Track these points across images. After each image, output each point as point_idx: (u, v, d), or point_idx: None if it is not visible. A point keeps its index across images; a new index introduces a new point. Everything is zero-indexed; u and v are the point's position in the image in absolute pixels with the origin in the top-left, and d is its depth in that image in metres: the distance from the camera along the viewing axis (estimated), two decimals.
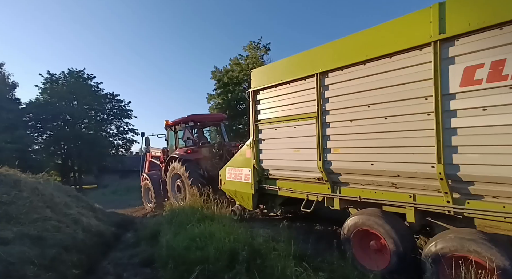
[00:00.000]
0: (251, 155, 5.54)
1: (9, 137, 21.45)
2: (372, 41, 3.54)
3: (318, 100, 4.15)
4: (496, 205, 2.75)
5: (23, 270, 3.13)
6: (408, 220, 3.42)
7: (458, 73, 2.85)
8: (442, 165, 2.93)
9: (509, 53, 2.51)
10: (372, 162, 3.60)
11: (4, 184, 5.06)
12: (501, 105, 2.59)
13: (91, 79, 31.17)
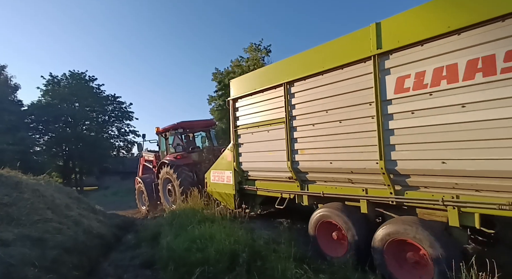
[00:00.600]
0: (231, 158, 6.01)
1: (11, 138, 21.53)
2: (328, 54, 4.07)
3: (286, 106, 4.68)
4: (427, 194, 3.26)
5: (23, 271, 3.14)
6: (362, 211, 3.87)
7: (392, 82, 3.37)
8: (383, 161, 3.42)
9: (427, 66, 3.08)
10: (331, 160, 4.09)
11: (5, 185, 5.08)
12: (423, 109, 3.11)
13: (93, 81, 31.30)
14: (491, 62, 2.68)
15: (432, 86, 3.06)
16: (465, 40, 2.85)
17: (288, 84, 4.66)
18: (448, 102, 2.94)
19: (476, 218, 2.93)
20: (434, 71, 3.04)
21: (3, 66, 26.02)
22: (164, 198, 9.22)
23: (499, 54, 2.62)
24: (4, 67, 26.10)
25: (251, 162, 5.67)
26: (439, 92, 3.00)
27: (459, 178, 2.97)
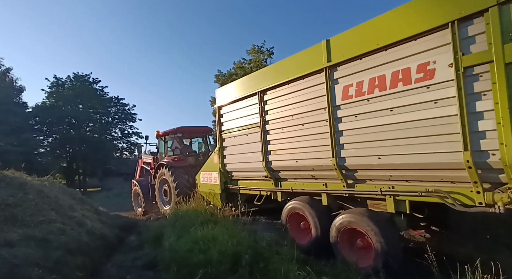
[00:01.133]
0: (218, 160, 6.57)
1: (16, 140, 21.72)
2: (293, 66, 4.67)
3: (260, 112, 5.30)
4: (371, 186, 3.80)
5: (27, 272, 3.16)
6: (323, 203, 4.45)
7: (340, 90, 3.97)
8: (335, 158, 3.98)
9: (365, 76, 3.66)
10: (297, 160, 4.67)
11: (10, 186, 5.12)
12: (363, 113, 3.68)
13: (97, 83, 31.52)
14: (408, 73, 3.27)
15: (369, 93, 3.64)
16: (390, 55, 3.44)
17: (261, 92, 5.26)
18: (380, 107, 3.51)
19: (407, 205, 3.49)
20: (369, 81, 3.64)
21: (8, 68, 26.29)
22: (159, 198, 9.71)
23: (413, 67, 3.22)
24: (9, 69, 26.37)
25: (234, 163, 6.25)
26: (373, 98, 3.58)
27: (392, 171, 3.53)
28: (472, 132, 2.79)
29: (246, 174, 6.00)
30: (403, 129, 3.29)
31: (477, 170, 2.80)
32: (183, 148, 10.30)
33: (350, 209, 4.07)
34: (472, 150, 2.78)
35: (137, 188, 10.99)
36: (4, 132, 21.56)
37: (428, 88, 3.11)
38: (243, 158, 5.91)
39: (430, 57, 3.11)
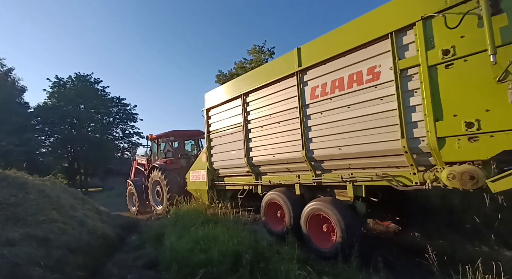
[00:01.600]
0: (206, 159, 7.09)
1: (18, 140, 21.77)
2: (270, 70, 5.33)
3: (243, 113, 5.85)
4: (335, 175, 4.37)
5: (29, 271, 3.17)
6: (297, 193, 4.95)
7: (308, 91, 4.59)
8: (305, 151, 4.57)
9: (328, 79, 4.29)
10: (274, 154, 5.23)
11: (12, 186, 5.14)
12: (327, 110, 4.30)
13: (98, 83, 31.57)
14: (360, 75, 3.89)
15: (331, 93, 4.26)
16: (347, 60, 4.06)
17: (244, 95, 5.84)
18: (340, 104, 4.13)
19: (363, 189, 4.04)
20: (331, 82, 4.27)
21: (10, 68, 26.36)
22: (152, 199, 10.20)
23: (364, 70, 3.84)
24: (11, 69, 26.44)
25: (220, 161, 6.76)
26: (335, 97, 4.20)
27: (351, 160, 4.09)
28: (407, 123, 3.41)
29: (231, 170, 6.52)
30: (357, 122, 3.91)
31: (412, 155, 3.40)
32: (175, 150, 10.82)
33: (318, 198, 4.56)
34: (407, 137, 3.38)
35: (132, 188, 11.39)
36: (6, 132, 21.64)
37: (376, 87, 3.73)
38: (228, 156, 6.42)
39: (376, 62, 3.74)
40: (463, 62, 3.03)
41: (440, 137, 3.13)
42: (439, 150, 3.15)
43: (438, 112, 3.16)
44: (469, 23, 2.96)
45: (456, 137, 3.05)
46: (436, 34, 3.20)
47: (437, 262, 2.96)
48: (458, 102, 3.06)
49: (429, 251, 2.97)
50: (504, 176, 2.74)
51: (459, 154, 3.05)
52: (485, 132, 2.88)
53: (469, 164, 2.99)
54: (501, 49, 2.77)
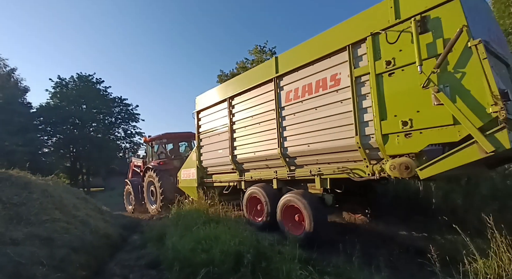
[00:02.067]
0: (195, 158, 7.69)
1: (21, 140, 21.93)
2: (253, 76, 5.94)
3: (229, 115, 6.45)
4: (306, 170, 4.91)
5: (32, 270, 3.19)
6: (274, 187, 5.51)
7: (284, 95, 5.19)
8: (280, 148, 5.16)
9: (300, 84, 4.91)
10: (254, 152, 5.78)
11: (15, 186, 5.17)
12: (299, 112, 4.89)
13: (100, 83, 31.74)
14: (325, 81, 4.52)
15: (302, 97, 4.85)
16: (315, 68, 4.67)
17: (230, 98, 6.43)
18: (309, 106, 4.72)
19: (328, 182, 4.63)
20: (302, 87, 4.86)
21: (13, 69, 26.54)
22: (147, 198, 10.73)
23: (328, 77, 4.47)
24: (14, 70, 26.62)
25: (208, 160, 7.34)
26: (305, 100, 4.79)
27: (318, 156, 4.66)
28: (360, 122, 3.99)
29: (218, 168, 7.10)
30: (323, 122, 4.51)
31: (364, 150, 3.97)
32: (169, 151, 11.43)
33: (291, 191, 5.07)
34: (360, 135, 3.96)
35: (129, 187, 11.88)
36: (9, 132, 21.78)
37: (337, 92, 4.34)
38: (215, 155, 7.01)
39: (337, 70, 4.36)
40: (401, 71, 3.62)
41: (385, 134, 3.70)
42: (384, 145, 3.72)
43: (383, 113, 3.73)
44: (405, 39, 3.56)
45: (396, 134, 3.62)
46: (382, 47, 3.80)
47: (439, 262, 2.95)
48: (397, 105, 3.63)
49: (431, 251, 2.97)
50: (427, 165, 3.33)
51: (398, 148, 3.61)
52: (416, 129, 3.44)
53: (406, 156, 3.54)
54: (426, 61, 3.34)
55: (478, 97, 3.05)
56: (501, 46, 3.95)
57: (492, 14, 4.44)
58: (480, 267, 2.66)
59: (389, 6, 3.77)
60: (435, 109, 3.28)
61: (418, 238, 4.59)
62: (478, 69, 3.04)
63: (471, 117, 3.05)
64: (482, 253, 3.00)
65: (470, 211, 4.54)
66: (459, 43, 3.18)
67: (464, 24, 3.16)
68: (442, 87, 3.26)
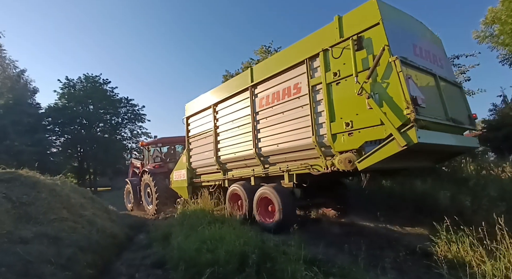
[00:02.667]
0: (186, 160, 8.41)
1: (29, 140, 22.29)
2: (233, 84, 6.78)
3: (214, 120, 7.22)
4: (277, 167, 5.62)
5: (40, 268, 3.24)
6: (252, 184, 6.17)
7: (258, 101, 5.92)
8: (255, 148, 5.86)
9: (270, 92, 5.65)
10: (235, 152, 6.49)
11: (24, 185, 5.26)
12: (269, 116, 5.63)
13: (107, 84, 32.07)
14: (289, 89, 5.28)
15: (272, 103, 5.58)
16: (281, 78, 5.44)
17: (214, 105, 7.21)
18: (278, 111, 5.45)
19: (295, 177, 5.31)
20: (272, 94, 5.61)
21: (22, 70, 26.99)
22: (144, 199, 11.37)
23: (291, 85, 5.25)
24: (23, 71, 27.08)
25: (197, 161, 8.05)
26: (274, 106, 5.53)
27: (286, 154, 5.36)
28: (316, 124, 4.75)
29: (205, 169, 7.82)
30: (288, 125, 5.24)
31: (320, 148, 4.70)
32: (165, 155, 12.24)
33: (266, 185, 5.68)
34: (316, 135, 4.71)
35: (129, 187, 12.73)
36: (18, 132, 22.16)
37: (299, 98, 5.09)
38: (203, 156, 7.73)
39: (299, 80, 5.11)
40: (344, 81, 4.38)
41: (333, 134, 4.43)
42: (333, 143, 4.44)
43: (332, 116, 4.47)
44: (347, 54, 4.31)
45: (342, 134, 4.34)
46: (330, 61, 4.57)
47: (446, 264, 2.92)
48: (342, 109, 4.37)
49: (437, 253, 2.93)
50: (362, 159, 4.02)
51: (344, 145, 4.34)
52: (356, 129, 4.17)
53: (350, 152, 4.25)
54: (361, 73, 4.10)
55: (398, 102, 3.74)
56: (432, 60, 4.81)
57: (426, 33, 5.16)
58: (488, 270, 2.62)
59: (335, 27, 4.58)
60: (368, 112, 3.98)
61: (425, 240, 4.53)
62: (397, 80, 3.72)
63: (392, 118, 3.73)
64: (490, 255, 2.96)
65: (478, 213, 4.48)
66: (383, 59, 3.87)
67: (386, 44, 3.86)
68: (372, 94, 3.95)
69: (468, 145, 5.05)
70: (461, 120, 4.78)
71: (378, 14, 4.05)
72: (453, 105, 4.68)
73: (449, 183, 5.79)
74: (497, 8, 14.89)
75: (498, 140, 12.87)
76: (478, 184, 5.56)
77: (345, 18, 4.52)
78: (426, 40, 4.92)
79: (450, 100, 4.65)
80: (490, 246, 3.05)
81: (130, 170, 14.41)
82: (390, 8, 4.39)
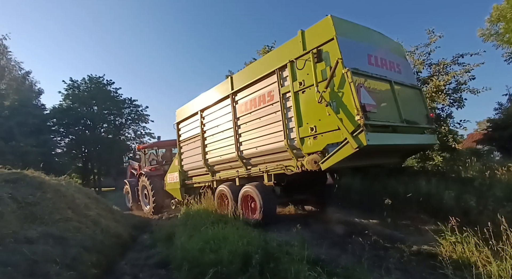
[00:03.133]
0: (178, 163, 9.00)
1: (35, 141, 22.44)
2: (216, 92, 7.27)
3: (201, 125, 7.78)
4: (257, 169, 6.13)
5: (46, 268, 3.28)
6: (237, 184, 6.64)
7: (238, 107, 6.43)
8: (237, 151, 6.35)
9: (248, 99, 6.14)
10: (220, 155, 7.01)
11: (30, 185, 5.31)
12: (249, 121, 6.08)
13: (110, 84, 32.18)
14: (264, 97, 5.77)
15: (250, 109, 6.06)
16: (257, 86, 5.95)
17: (201, 111, 7.79)
18: (255, 117, 5.95)
19: (273, 177, 5.81)
20: (249, 101, 6.11)
21: (27, 72, 27.20)
22: (142, 200, 12.04)
23: (265, 93, 5.75)
24: (28, 72, 27.30)
25: (188, 164, 8.59)
26: (252, 112, 6.02)
27: (264, 156, 5.85)
28: (287, 129, 5.21)
29: (195, 171, 8.37)
30: (264, 129, 5.72)
31: (292, 150, 5.17)
32: (161, 157, 12.90)
33: (248, 184, 6.11)
34: (287, 138, 5.20)
35: (127, 187, 13.48)
36: (24, 133, 22.35)
37: (272, 105, 5.56)
38: (193, 159, 8.26)
39: (272, 88, 5.59)
40: (308, 90, 4.83)
41: (301, 137, 4.92)
42: (302, 146, 4.93)
43: (300, 121, 4.95)
44: (309, 66, 4.78)
45: (308, 137, 4.83)
46: (297, 71, 5.04)
47: (451, 264, 2.89)
48: (308, 115, 4.84)
49: (442, 253, 2.91)
50: (325, 159, 4.53)
51: (310, 148, 4.84)
52: (319, 133, 4.67)
53: (315, 154, 4.74)
54: (321, 83, 4.58)
55: (351, 109, 4.19)
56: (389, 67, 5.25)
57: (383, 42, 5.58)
58: (494, 270, 2.59)
59: (299, 41, 5.06)
60: (328, 118, 4.47)
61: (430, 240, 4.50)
62: (349, 89, 4.17)
63: (346, 124, 4.20)
64: (496, 255, 2.92)
65: (484, 213, 4.43)
66: (338, 71, 4.31)
67: (339, 57, 4.31)
68: (330, 102, 4.41)
69: (425, 143, 5.62)
70: (417, 120, 5.27)
71: (332, 30, 4.53)
72: (409, 107, 5.17)
73: (454, 183, 5.74)
74: (502, 5, 14.74)
75: (503, 139, 12.73)
76: (484, 184, 5.50)
77: (307, 33, 5.00)
78: (382, 49, 5.32)
79: (406, 103, 5.14)
80: (496, 247, 3.02)
81: (128, 171, 15.11)
82: (346, 23, 4.87)
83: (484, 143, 14.66)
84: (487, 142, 14.44)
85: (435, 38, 7.92)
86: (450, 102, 7.78)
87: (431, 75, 8.11)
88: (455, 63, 7.90)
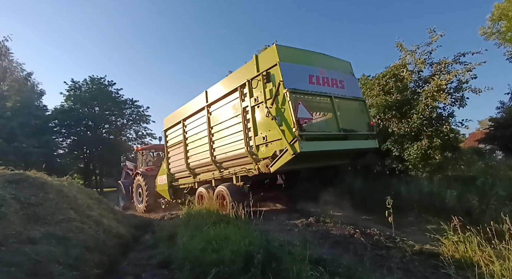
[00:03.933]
0: (166, 166, 10.04)
1: (37, 142, 22.54)
2: (195, 103, 8.29)
3: (183, 133, 8.86)
4: (227, 171, 7.13)
5: (49, 268, 3.29)
6: (213, 185, 7.56)
7: (212, 118, 7.51)
8: (212, 156, 7.37)
9: (219, 110, 7.27)
10: (199, 160, 8.02)
11: (32, 186, 5.33)
12: (224, 129, 7.07)
13: (112, 85, 32.28)
14: (230, 109, 6.77)
15: (221, 119, 7.11)
16: (226, 99, 6.96)
17: (183, 120, 8.87)
18: (226, 126, 6.97)
19: (239, 178, 6.76)
20: (220, 113, 7.14)
21: (29, 73, 27.34)
22: (135, 198, 12.78)
23: (232, 106, 6.74)
24: (30, 74, 27.43)
25: (174, 167, 9.63)
26: (222, 122, 7.06)
27: (233, 161, 6.80)
28: (247, 137, 6.18)
29: (180, 174, 9.35)
30: (231, 137, 6.71)
31: (252, 156, 6.09)
32: (157, 159, 13.60)
33: (221, 184, 6.97)
34: (247, 146, 6.17)
35: (122, 188, 14.38)
36: (26, 134, 22.45)
37: (236, 117, 6.52)
38: (178, 163, 9.24)
39: (236, 102, 6.53)
40: (261, 105, 5.74)
41: (257, 145, 5.88)
42: (257, 152, 5.90)
43: (256, 131, 5.94)
44: (261, 85, 5.73)
45: (261, 145, 5.81)
46: (253, 90, 6.00)
47: (454, 264, 2.89)
48: (261, 126, 5.83)
49: (444, 253, 2.90)
50: (273, 164, 5.50)
51: (264, 154, 5.79)
52: (269, 141, 5.62)
53: (267, 159, 5.64)
54: (269, 100, 5.51)
55: (290, 123, 5.20)
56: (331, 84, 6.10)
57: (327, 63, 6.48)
58: (497, 270, 2.58)
59: (254, 63, 6.05)
60: (275, 129, 5.41)
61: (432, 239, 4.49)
62: (288, 106, 5.17)
63: (287, 134, 5.20)
64: (499, 255, 2.92)
65: (486, 212, 4.42)
66: (281, 90, 5.32)
67: (280, 80, 5.31)
68: (276, 116, 5.36)
69: (365, 147, 6.41)
70: (357, 128, 6.18)
71: (276, 57, 5.52)
72: (349, 117, 6.07)
73: (456, 182, 5.73)
74: (504, 4, 14.68)
75: (506, 139, 12.68)
76: (486, 183, 5.49)
77: (260, 57, 6.01)
78: (325, 69, 6.19)
79: (346, 114, 6.04)
80: (498, 246, 3.02)
81: (124, 172, 15.87)
82: (289, 50, 5.85)
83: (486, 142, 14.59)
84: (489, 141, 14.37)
85: (436, 37, 7.91)
86: (451, 101, 7.75)
87: (432, 74, 8.09)
88: (457, 62, 7.88)
